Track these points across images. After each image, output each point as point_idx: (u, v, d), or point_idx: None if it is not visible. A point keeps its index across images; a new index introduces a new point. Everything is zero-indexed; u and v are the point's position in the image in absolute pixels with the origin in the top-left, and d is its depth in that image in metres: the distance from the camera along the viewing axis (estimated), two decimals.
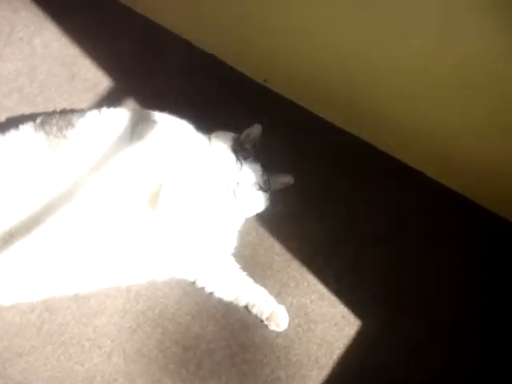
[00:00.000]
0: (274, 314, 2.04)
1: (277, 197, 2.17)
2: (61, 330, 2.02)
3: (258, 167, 2.08)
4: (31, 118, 2.10)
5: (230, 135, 2.12)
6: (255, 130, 2.14)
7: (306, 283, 2.14)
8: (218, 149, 2.06)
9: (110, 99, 2.42)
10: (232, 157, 2.04)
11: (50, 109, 2.38)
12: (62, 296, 2.00)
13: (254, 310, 2.05)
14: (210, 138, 2.11)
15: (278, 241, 2.20)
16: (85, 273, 1.94)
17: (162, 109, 2.12)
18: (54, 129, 1.97)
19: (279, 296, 2.09)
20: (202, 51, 2.55)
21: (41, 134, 1.96)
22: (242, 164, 2.05)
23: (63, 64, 2.49)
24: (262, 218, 2.18)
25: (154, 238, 1.95)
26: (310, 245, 2.20)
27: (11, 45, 2.50)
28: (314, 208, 2.26)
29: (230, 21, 2.39)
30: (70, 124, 1.99)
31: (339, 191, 2.30)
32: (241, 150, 2.08)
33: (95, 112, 2.04)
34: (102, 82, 2.47)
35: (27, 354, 1.98)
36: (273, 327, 2.04)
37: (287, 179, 2.17)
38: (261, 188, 2.07)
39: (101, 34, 2.56)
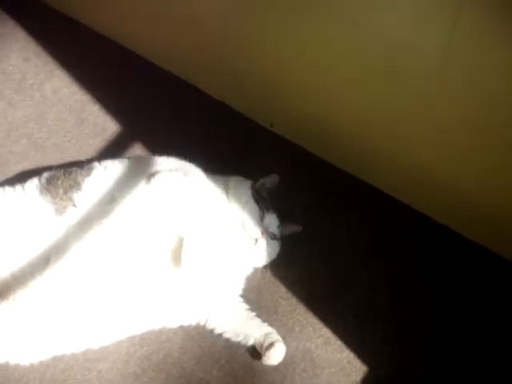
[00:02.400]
0: (271, 345, 1.99)
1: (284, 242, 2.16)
2: (64, 375, 2.00)
3: (275, 217, 2.10)
4: (36, 172, 2.12)
5: (249, 183, 2.14)
6: (273, 179, 2.17)
7: (311, 328, 2.12)
8: (239, 197, 2.07)
9: (118, 144, 2.46)
10: (255, 207, 2.05)
11: (58, 154, 2.43)
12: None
13: (257, 347, 2.03)
14: (225, 182, 2.12)
15: (284, 285, 2.18)
16: (98, 329, 1.95)
17: (167, 153, 2.14)
18: (60, 191, 1.97)
19: (284, 340, 2.05)
20: (212, 98, 2.59)
21: (47, 199, 1.95)
22: (264, 214, 2.05)
23: (72, 110, 2.54)
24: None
25: (172, 291, 1.96)
26: (315, 289, 2.18)
27: (22, 92, 2.56)
28: (318, 252, 2.24)
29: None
30: (76, 185, 1.98)
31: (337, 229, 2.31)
32: (261, 199, 2.09)
33: (100, 169, 2.04)
34: (110, 127, 2.51)
35: None
36: (264, 360, 2.00)
37: (296, 228, 2.18)
38: (275, 237, 2.07)
39: (109, 80, 2.62)
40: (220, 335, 2.06)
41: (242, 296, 2.13)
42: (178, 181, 1.98)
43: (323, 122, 2.32)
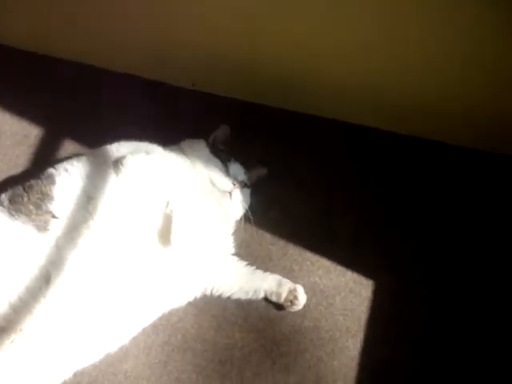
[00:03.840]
0: (291, 293, 2.04)
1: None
2: None
3: (239, 165, 2.09)
4: None
5: (202, 142, 2.11)
6: (223, 130, 2.16)
7: (308, 262, 2.16)
8: (199, 158, 2.04)
9: (46, 146, 2.34)
10: (218, 162, 2.03)
11: None
12: None
13: (273, 297, 2.06)
14: (180, 149, 2.07)
15: (267, 231, 2.20)
16: (112, 330, 1.89)
17: (100, 138, 2.08)
18: (31, 207, 1.84)
19: None
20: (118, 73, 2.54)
21: (22, 219, 1.83)
22: (227, 166, 2.04)
23: None
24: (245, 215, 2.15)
25: (170, 270, 1.92)
26: (298, 225, 2.22)
27: None
28: (289, 189, 2.27)
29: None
30: (46, 196, 1.87)
31: (303, 168, 2.34)
32: (220, 153, 2.06)
33: (63, 173, 1.93)
34: (30, 132, 2.40)
35: None
36: (292, 308, 2.05)
37: (263, 171, 2.20)
38: (245, 185, 2.07)
39: (7, 84, 2.48)
40: (229, 298, 2.07)
41: (234, 254, 2.12)
42: (144, 160, 1.93)
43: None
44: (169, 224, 1.87)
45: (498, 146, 2.30)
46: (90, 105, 2.48)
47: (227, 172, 2.06)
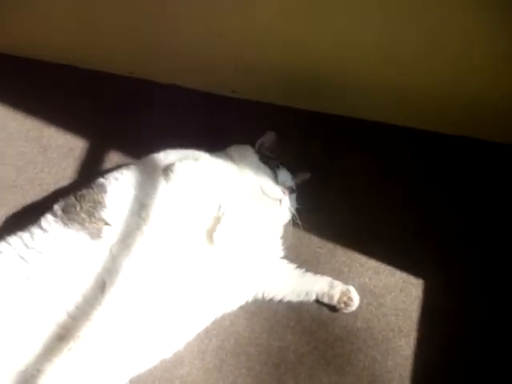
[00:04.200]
0: (344, 294, 2.05)
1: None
2: None
3: (286, 171, 2.11)
4: (24, 212, 2.16)
5: (250, 148, 2.13)
6: (270, 137, 2.18)
7: (357, 264, 2.17)
8: (249, 165, 2.07)
9: (91, 158, 2.37)
10: (267, 169, 2.06)
11: (37, 188, 2.32)
12: None
13: (325, 299, 2.07)
14: (227, 155, 2.10)
15: (314, 234, 2.21)
16: (168, 336, 1.90)
17: (149, 151, 2.09)
18: (84, 216, 1.87)
19: None
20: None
21: (75, 228, 1.85)
22: (276, 173, 2.06)
23: (29, 140, 2.44)
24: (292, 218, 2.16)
25: (221, 273, 1.93)
26: (345, 227, 2.23)
27: None
28: (334, 192, 2.29)
29: None
30: (99, 204, 1.89)
31: (347, 170, 2.36)
32: (268, 160, 2.09)
33: (113, 182, 1.96)
34: (75, 144, 2.44)
35: None
36: (346, 309, 2.06)
37: (306, 175, 2.22)
38: (293, 190, 2.10)
39: (48, 99, 2.53)
40: (280, 301, 2.08)
41: (283, 258, 2.13)
42: (193, 166, 1.96)
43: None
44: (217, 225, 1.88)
45: None
46: (131, 116, 2.51)
47: (276, 179, 2.08)
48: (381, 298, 2.11)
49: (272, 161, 2.13)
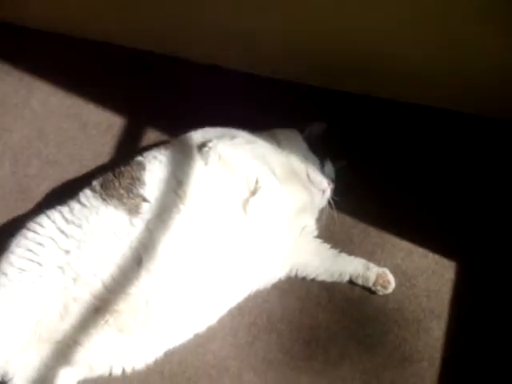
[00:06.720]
0: (381, 277, 2.08)
1: None
2: (182, 367, 2.02)
3: (330, 163, 2.16)
4: (64, 187, 2.22)
5: (298, 134, 2.18)
6: (319, 127, 2.22)
7: (390, 245, 2.18)
8: (298, 151, 2.12)
9: (130, 135, 2.42)
10: (316, 159, 2.12)
11: (76, 164, 2.38)
12: None
13: (360, 281, 2.09)
14: (273, 136, 2.15)
15: (348, 215, 2.23)
16: (203, 310, 1.96)
17: (186, 129, 2.13)
18: (123, 192, 1.93)
19: None
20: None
21: (114, 203, 1.91)
22: (323, 164, 2.12)
23: (69, 116, 2.49)
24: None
25: (256, 249, 1.98)
26: (378, 208, 2.24)
27: (9, 114, 2.50)
28: (367, 174, 2.31)
29: None
30: (136, 180, 1.95)
31: (381, 154, 2.38)
32: (316, 150, 2.15)
33: (152, 160, 2.01)
34: (114, 121, 2.47)
35: None
36: (381, 291, 2.08)
37: (343, 163, 2.26)
38: (333, 181, 2.13)
39: (88, 76, 2.58)
40: (313, 280, 2.11)
41: (317, 237, 2.16)
42: (229, 144, 2.02)
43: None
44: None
45: None
46: (169, 94, 2.55)
47: (322, 170, 2.12)
48: (413, 279, 2.12)
49: (319, 151, 2.16)
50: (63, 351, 1.88)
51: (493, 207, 2.23)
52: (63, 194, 2.06)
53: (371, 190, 2.27)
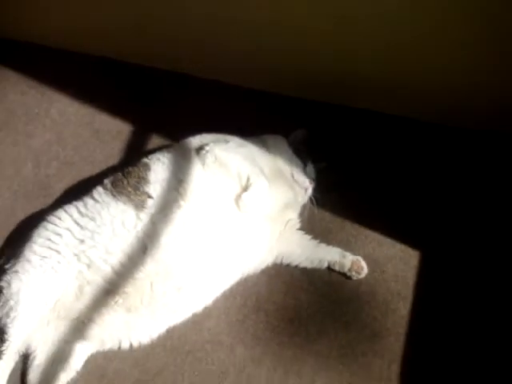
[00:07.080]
0: (355, 264, 2.33)
1: None
2: (181, 341, 2.27)
3: (311, 165, 2.41)
4: (80, 185, 2.43)
5: (284, 140, 2.43)
6: (302, 133, 2.48)
7: (363, 236, 2.46)
8: (283, 154, 2.37)
9: (137, 140, 2.69)
10: (299, 162, 2.36)
11: (90, 165, 2.63)
12: None
13: (337, 267, 2.34)
14: (261, 141, 2.40)
15: (326, 210, 2.51)
16: (201, 293, 2.21)
17: (184, 134, 2.41)
18: (130, 189, 2.17)
19: None
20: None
21: (123, 199, 2.16)
22: (305, 165, 2.37)
23: (83, 124, 2.76)
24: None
25: (246, 240, 2.23)
26: (353, 205, 2.52)
27: (32, 122, 2.76)
28: (344, 176, 2.60)
29: None
30: (143, 180, 2.19)
31: (355, 158, 2.65)
32: (299, 152, 2.40)
33: (156, 162, 2.26)
34: (123, 128, 2.74)
35: (162, 370, 2.22)
36: (356, 276, 2.34)
37: (322, 165, 2.50)
38: (314, 180, 2.39)
39: (100, 89, 2.86)
40: (296, 267, 2.37)
41: (300, 229, 2.43)
42: (223, 147, 2.27)
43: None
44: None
45: None
46: (170, 106, 2.82)
47: (305, 170, 2.37)
48: (383, 266, 2.39)
49: (302, 154, 2.41)
50: (78, 327, 2.14)
51: (451, 203, 2.51)
52: (79, 191, 2.34)
53: (347, 188, 2.55)
